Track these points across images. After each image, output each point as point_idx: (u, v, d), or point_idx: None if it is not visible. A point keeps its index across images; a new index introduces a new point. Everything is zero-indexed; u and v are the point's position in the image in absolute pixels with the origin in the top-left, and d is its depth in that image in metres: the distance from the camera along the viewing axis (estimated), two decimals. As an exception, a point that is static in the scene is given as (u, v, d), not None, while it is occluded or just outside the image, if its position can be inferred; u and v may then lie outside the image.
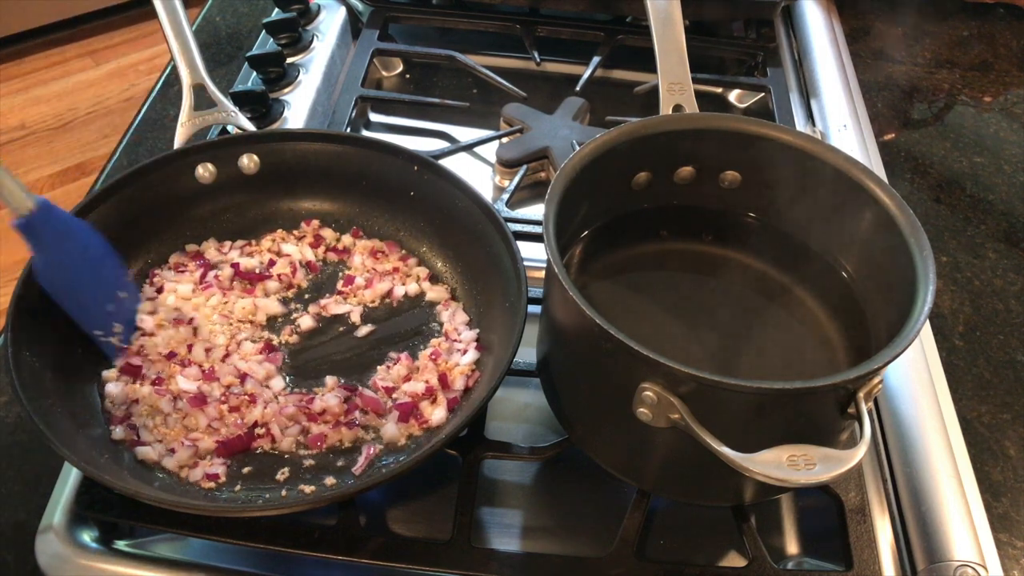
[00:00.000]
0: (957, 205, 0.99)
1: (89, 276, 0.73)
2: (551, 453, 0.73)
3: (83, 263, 0.73)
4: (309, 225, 0.87)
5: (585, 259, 0.74)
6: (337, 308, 0.80)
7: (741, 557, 0.69)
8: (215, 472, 0.68)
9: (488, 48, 1.15)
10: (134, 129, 1.01)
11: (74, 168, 2.47)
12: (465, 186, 0.81)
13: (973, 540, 0.66)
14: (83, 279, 0.73)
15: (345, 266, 0.84)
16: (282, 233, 0.86)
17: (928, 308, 0.58)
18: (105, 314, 0.74)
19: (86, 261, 0.73)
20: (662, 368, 0.55)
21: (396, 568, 0.65)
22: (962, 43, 1.23)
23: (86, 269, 0.73)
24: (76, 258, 0.72)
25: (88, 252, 0.73)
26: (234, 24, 1.17)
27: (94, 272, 0.74)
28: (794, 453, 0.53)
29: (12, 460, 0.72)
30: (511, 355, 0.68)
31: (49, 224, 0.71)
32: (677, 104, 0.79)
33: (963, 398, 0.79)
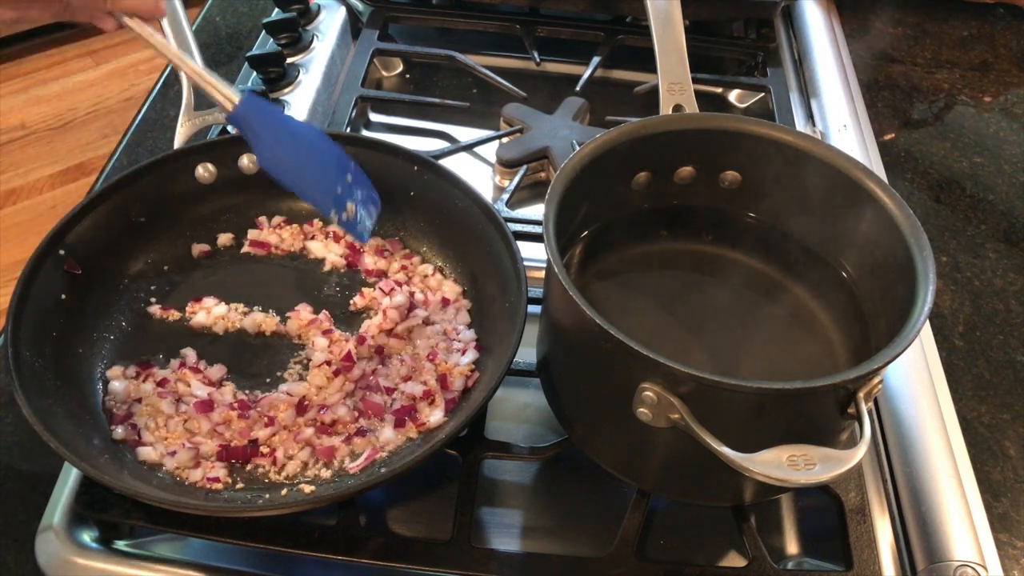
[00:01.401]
0: (957, 205, 0.99)
1: (309, 160, 0.72)
2: (551, 453, 0.73)
3: (300, 148, 0.72)
4: (313, 225, 0.87)
5: (585, 259, 0.74)
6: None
7: (741, 557, 0.69)
8: (215, 476, 0.68)
9: (488, 48, 1.15)
10: (134, 129, 1.01)
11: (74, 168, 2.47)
12: (465, 186, 0.81)
13: (973, 540, 0.66)
14: (305, 163, 0.72)
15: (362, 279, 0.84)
16: (296, 228, 0.86)
17: (928, 308, 0.58)
18: (335, 196, 0.72)
19: (303, 145, 0.72)
20: (662, 368, 0.55)
21: (396, 568, 0.65)
22: (962, 43, 1.23)
23: (305, 153, 0.72)
24: (292, 144, 0.71)
25: (302, 137, 0.72)
26: (234, 24, 1.17)
27: (313, 156, 0.72)
28: (794, 453, 0.53)
29: (12, 460, 0.72)
30: (511, 355, 0.68)
31: (257, 115, 0.70)
32: (677, 104, 0.79)
33: (963, 398, 0.79)
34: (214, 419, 0.71)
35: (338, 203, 0.72)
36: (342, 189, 0.72)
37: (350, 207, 0.72)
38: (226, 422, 0.71)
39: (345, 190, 0.72)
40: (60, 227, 0.75)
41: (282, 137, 0.71)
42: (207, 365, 0.76)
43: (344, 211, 0.72)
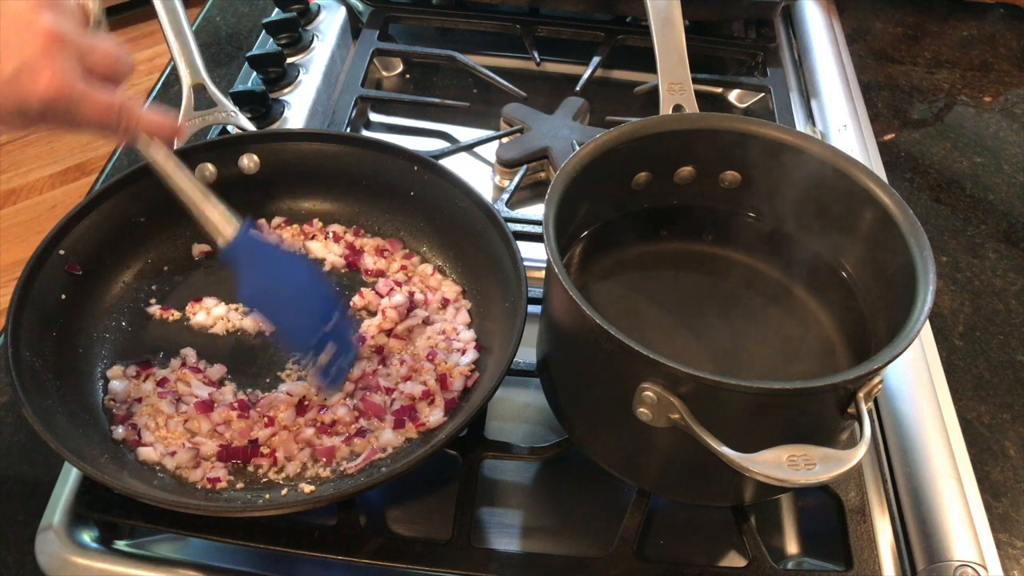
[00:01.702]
0: (957, 205, 0.99)
1: (295, 302, 0.71)
2: (551, 453, 0.73)
3: (288, 288, 0.70)
4: (313, 226, 0.87)
5: (585, 259, 0.74)
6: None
7: (741, 557, 0.69)
8: (216, 476, 0.68)
9: (488, 48, 1.15)
10: (134, 129, 1.00)
11: (74, 168, 2.47)
12: (465, 186, 0.81)
13: (973, 540, 0.66)
14: (289, 305, 0.70)
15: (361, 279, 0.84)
16: (296, 228, 0.86)
17: (928, 308, 0.58)
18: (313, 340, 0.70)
19: (291, 287, 0.71)
20: (662, 368, 0.55)
21: (396, 568, 0.65)
22: (962, 43, 1.23)
23: (291, 294, 0.70)
24: (281, 283, 0.70)
25: (293, 278, 0.71)
26: (234, 24, 1.17)
27: (299, 298, 0.71)
28: (794, 453, 0.53)
29: (12, 460, 0.72)
30: (511, 355, 0.68)
31: (252, 248, 0.69)
32: (677, 104, 0.79)
33: (963, 398, 0.79)
34: (214, 419, 0.71)
35: (315, 348, 0.70)
36: (321, 336, 0.70)
37: (323, 357, 0.70)
38: (226, 422, 0.71)
39: (325, 337, 0.70)
40: (60, 227, 0.75)
41: (272, 275, 0.69)
42: (207, 365, 0.76)
43: (316, 358, 0.70)
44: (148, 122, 0.63)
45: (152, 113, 0.63)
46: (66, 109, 0.57)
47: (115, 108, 0.60)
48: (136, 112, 0.61)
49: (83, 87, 0.58)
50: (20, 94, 0.55)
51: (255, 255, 0.69)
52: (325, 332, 0.70)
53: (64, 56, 0.56)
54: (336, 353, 0.70)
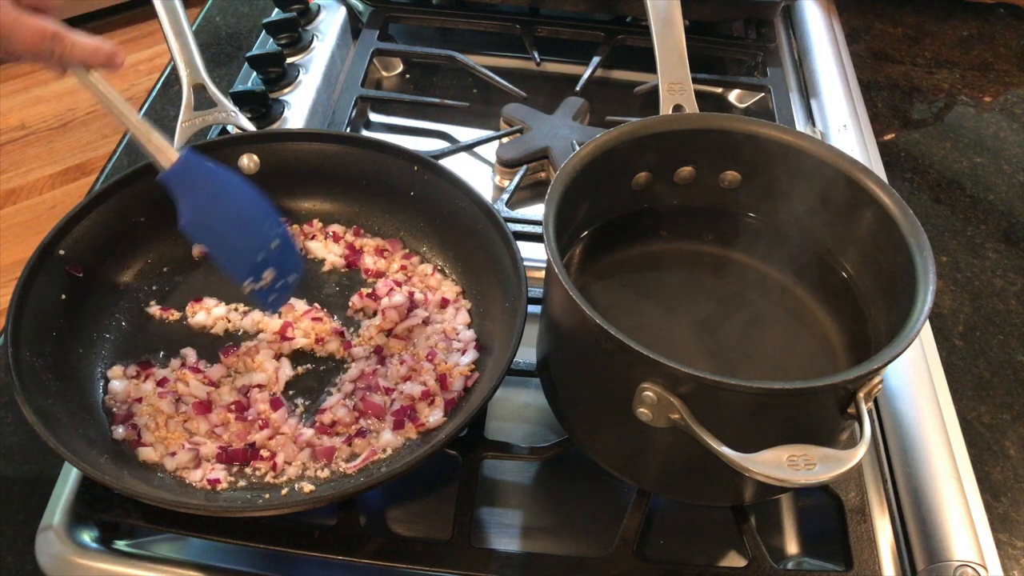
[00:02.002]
0: (957, 205, 0.99)
1: (236, 224, 0.70)
2: (551, 453, 0.73)
3: (227, 212, 0.70)
4: (313, 226, 0.87)
5: (585, 259, 0.74)
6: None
7: (741, 557, 0.69)
8: (216, 477, 0.68)
9: (488, 48, 1.15)
10: (134, 129, 1.00)
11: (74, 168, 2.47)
12: (465, 186, 0.81)
13: (973, 540, 0.66)
14: (230, 229, 0.70)
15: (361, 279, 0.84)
16: (296, 228, 0.87)
17: (928, 308, 0.58)
18: (255, 263, 0.70)
19: (233, 210, 0.70)
20: (662, 368, 0.55)
21: (396, 568, 0.65)
22: (962, 43, 1.23)
23: (233, 218, 0.70)
24: (222, 207, 0.70)
25: (235, 201, 0.70)
26: (234, 24, 1.17)
27: (243, 221, 0.71)
28: (794, 453, 0.53)
29: (12, 460, 0.72)
30: (511, 355, 0.68)
31: (192, 175, 0.68)
32: (677, 104, 0.79)
33: (963, 398, 0.79)
34: (212, 420, 0.71)
35: (255, 270, 0.70)
36: (265, 256, 0.70)
37: (267, 275, 0.70)
38: (224, 424, 0.71)
39: (269, 257, 0.70)
40: (60, 227, 0.75)
41: (213, 201, 0.69)
42: (207, 365, 0.76)
43: (260, 280, 0.70)
44: (82, 49, 0.62)
45: (86, 39, 0.62)
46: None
47: (47, 34, 0.60)
48: (70, 39, 0.61)
49: (13, 14, 0.58)
50: None
51: (196, 181, 0.68)
52: (268, 252, 0.70)
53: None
54: (279, 273, 0.70)
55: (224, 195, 0.70)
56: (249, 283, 0.70)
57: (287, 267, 0.72)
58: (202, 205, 0.69)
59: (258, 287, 0.71)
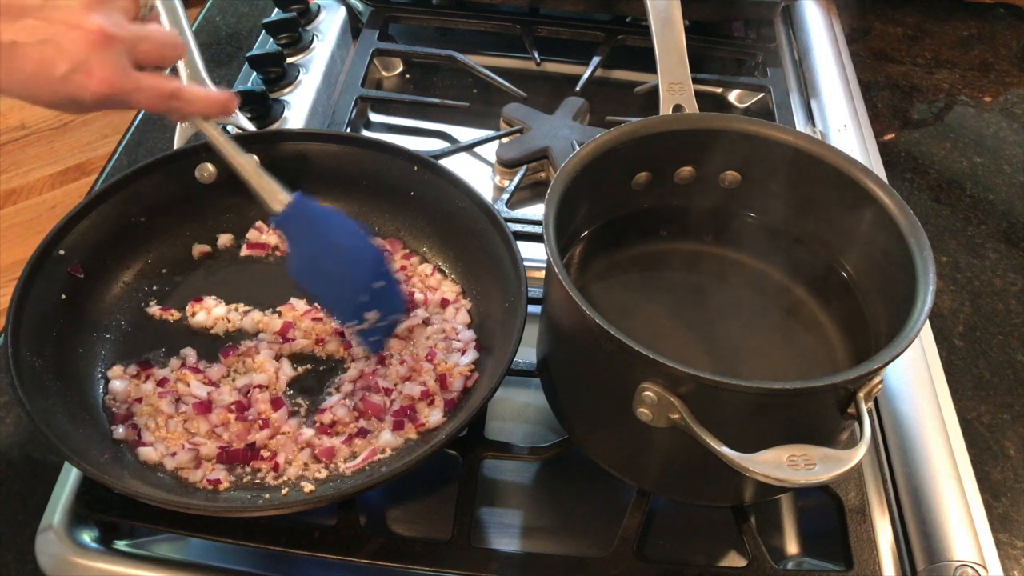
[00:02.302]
0: (957, 205, 0.99)
1: (342, 267, 0.72)
2: (551, 453, 0.73)
3: (336, 255, 0.71)
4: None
5: (585, 259, 0.74)
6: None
7: (741, 557, 0.69)
8: (216, 478, 0.68)
9: (488, 48, 1.15)
10: (134, 129, 1.01)
11: (74, 168, 2.47)
12: (465, 186, 0.81)
13: (973, 540, 0.66)
14: (337, 271, 0.71)
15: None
16: None
17: (928, 308, 0.58)
18: (358, 304, 0.71)
19: (339, 253, 0.72)
20: (662, 368, 0.55)
21: (396, 568, 0.65)
22: (962, 43, 1.23)
23: (340, 260, 0.71)
24: (330, 249, 0.71)
25: (342, 243, 0.71)
26: (234, 24, 1.17)
27: (348, 263, 0.72)
28: (794, 453, 0.53)
29: (12, 460, 0.72)
30: (511, 355, 0.68)
31: (302, 218, 0.70)
32: (677, 104, 0.79)
33: (963, 398, 0.79)
34: (212, 420, 0.71)
35: (358, 312, 0.71)
36: (368, 297, 0.71)
37: (370, 316, 0.72)
38: (224, 424, 0.71)
39: (372, 298, 0.71)
40: (60, 227, 0.75)
41: (320, 245, 0.71)
42: (207, 365, 0.76)
43: (362, 321, 0.72)
44: (200, 102, 0.65)
45: (201, 92, 0.65)
46: (119, 100, 0.60)
47: (166, 93, 0.63)
48: (188, 94, 0.64)
49: (135, 78, 0.60)
50: (73, 91, 0.58)
51: (305, 225, 0.70)
52: (375, 290, 0.71)
53: (113, 53, 0.59)
54: (382, 315, 0.71)
55: (331, 238, 0.71)
56: (352, 325, 0.71)
57: (390, 308, 0.72)
58: (310, 249, 0.70)
59: (360, 328, 0.72)
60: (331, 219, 0.72)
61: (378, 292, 0.71)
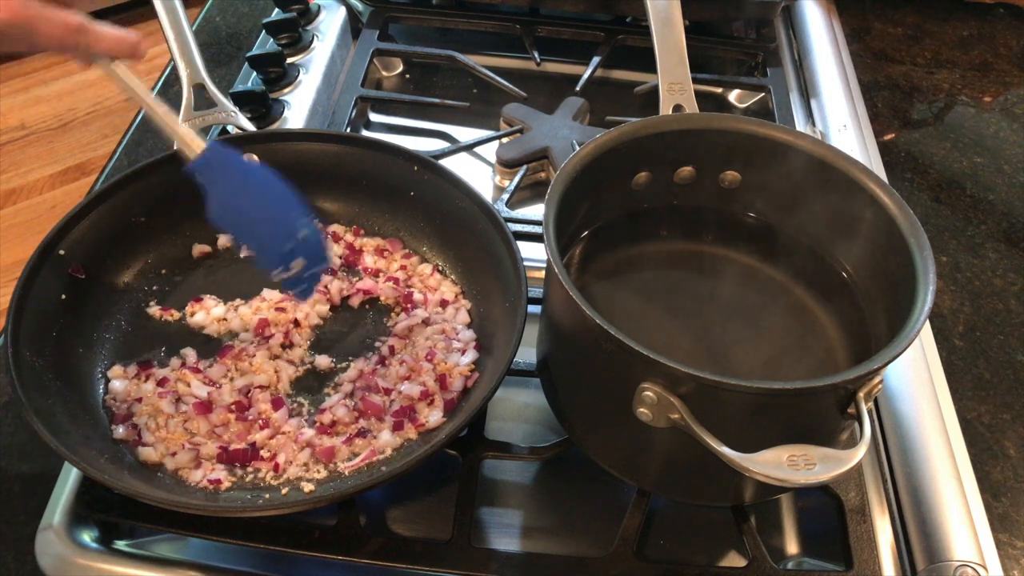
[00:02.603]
0: (957, 205, 0.99)
1: (262, 215, 0.72)
2: (551, 453, 0.73)
3: (254, 203, 0.71)
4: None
5: (585, 259, 0.74)
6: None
7: (741, 557, 0.69)
8: (216, 478, 0.68)
9: (488, 48, 1.15)
10: (134, 129, 1.01)
11: (74, 168, 2.47)
12: (465, 186, 0.81)
13: (973, 540, 0.66)
14: (256, 218, 0.71)
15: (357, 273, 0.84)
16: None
17: (928, 308, 0.58)
18: (283, 253, 0.71)
19: (258, 200, 0.71)
20: (662, 368, 0.55)
21: (396, 568, 0.65)
22: (962, 43, 1.23)
23: (258, 208, 0.71)
24: (247, 198, 0.71)
25: (260, 191, 0.71)
26: (234, 24, 1.17)
27: (269, 211, 0.72)
28: (794, 453, 0.53)
29: (12, 460, 0.72)
30: (511, 355, 0.68)
31: (220, 165, 0.69)
32: (677, 104, 0.79)
33: (963, 398, 0.79)
34: (212, 420, 0.71)
35: (283, 260, 0.71)
36: (292, 247, 0.71)
37: (295, 265, 0.71)
38: (224, 424, 0.71)
39: (296, 247, 0.71)
40: (60, 227, 0.75)
41: (240, 191, 0.70)
42: (207, 365, 0.76)
43: (288, 269, 0.71)
44: (107, 40, 0.62)
45: (111, 31, 0.63)
46: (23, 30, 0.57)
47: (73, 27, 0.60)
48: (95, 31, 0.61)
49: (38, 9, 0.58)
50: None
51: (222, 172, 0.69)
52: (296, 241, 0.70)
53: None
54: (307, 263, 0.71)
55: (250, 185, 0.71)
56: (278, 272, 0.71)
57: (314, 258, 0.72)
58: (229, 195, 0.70)
59: (287, 276, 0.72)
60: (250, 168, 0.71)
61: (302, 242, 0.71)
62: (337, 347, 0.78)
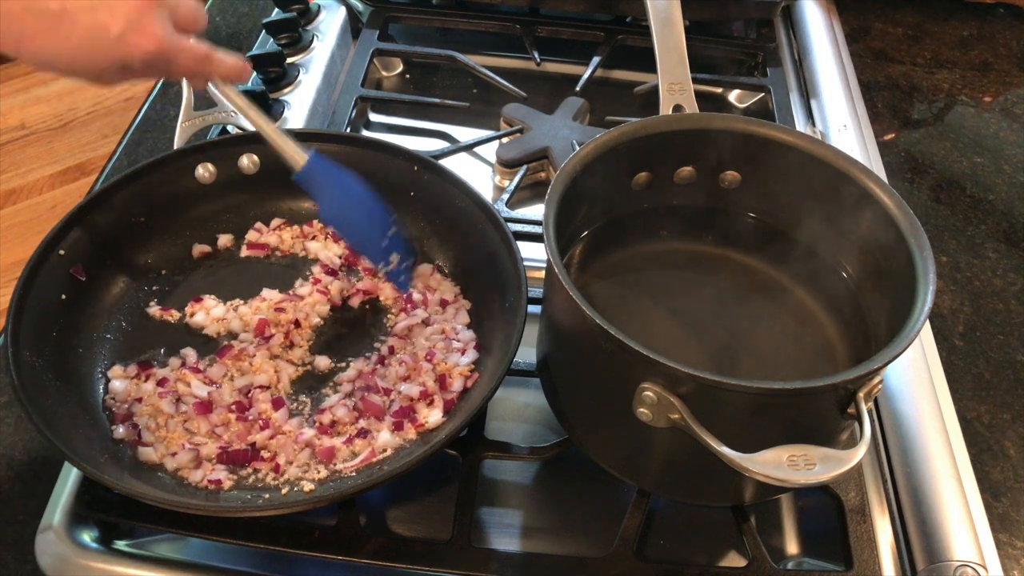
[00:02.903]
0: (957, 205, 0.99)
1: (363, 215, 0.77)
2: (551, 453, 0.73)
3: (356, 204, 0.76)
4: (313, 226, 0.87)
5: (585, 259, 0.74)
6: None
7: (741, 557, 0.69)
8: (217, 478, 0.68)
9: (488, 48, 1.15)
10: (134, 129, 1.01)
11: (74, 168, 2.47)
12: (465, 186, 0.81)
13: (973, 540, 0.66)
14: (359, 218, 0.77)
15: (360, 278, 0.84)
16: (297, 229, 0.87)
17: (928, 308, 0.58)
18: (382, 248, 0.77)
19: (358, 202, 0.76)
20: (662, 368, 0.55)
21: (396, 568, 0.65)
22: (962, 43, 1.23)
23: (360, 209, 0.76)
24: (350, 200, 0.76)
25: (358, 194, 0.76)
26: (234, 24, 1.17)
27: (367, 212, 0.77)
28: (794, 453, 0.53)
29: (12, 460, 0.72)
30: (511, 355, 0.68)
31: (321, 174, 0.74)
32: (677, 104, 0.79)
33: (963, 398, 0.79)
34: (213, 420, 0.71)
35: (384, 254, 0.77)
36: (388, 242, 0.77)
37: (393, 258, 0.77)
38: (224, 424, 0.71)
39: (390, 242, 0.77)
40: (60, 227, 0.75)
41: (342, 193, 0.76)
42: (207, 365, 0.76)
43: (389, 263, 0.77)
44: (228, 67, 0.67)
45: (229, 59, 0.67)
46: (165, 61, 0.62)
47: (202, 55, 0.65)
48: (218, 59, 0.66)
49: (178, 39, 0.62)
50: (126, 51, 0.59)
51: (325, 178, 0.75)
52: (389, 239, 0.77)
53: (162, 14, 0.61)
54: (401, 258, 0.77)
55: (348, 190, 0.76)
56: (382, 266, 0.77)
57: (406, 251, 0.78)
58: (333, 199, 0.76)
59: (389, 269, 0.77)
60: (344, 174, 0.76)
61: (393, 237, 0.77)
62: (337, 347, 0.78)
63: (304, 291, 0.81)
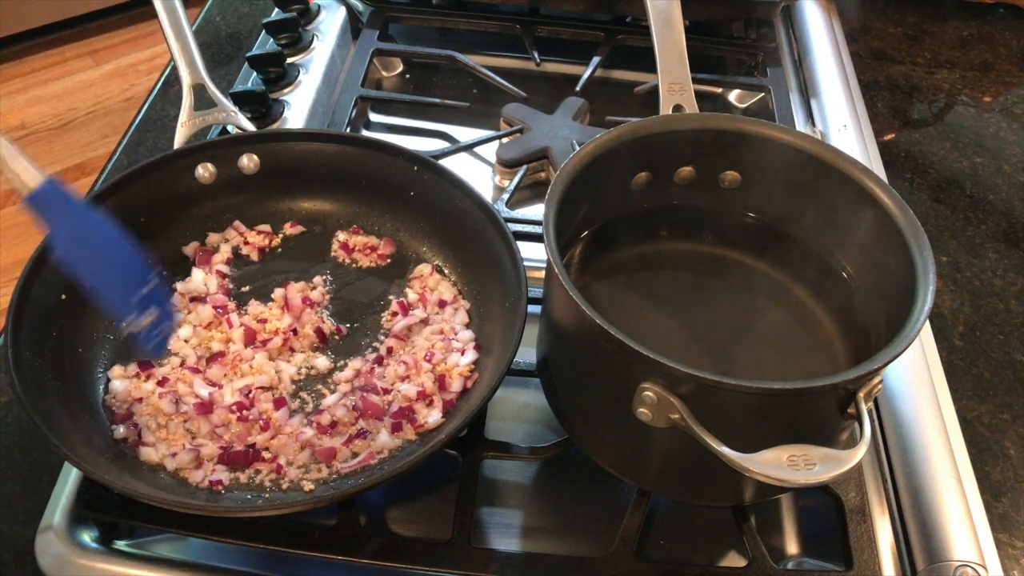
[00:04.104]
0: (957, 205, 0.99)
1: (109, 259, 0.69)
2: (551, 453, 0.73)
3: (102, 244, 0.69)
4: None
5: (585, 259, 0.74)
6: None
7: (741, 557, 0.69)
8: (218, 479, 0.68)
9: (488, 48, 1.15)
10: (134, 129, 1.01)
11: (74, 168, 2.47)
12: (465, 186, 0.81)
13: (973, 540, 0.66)
14: (104, 260, 0.68)
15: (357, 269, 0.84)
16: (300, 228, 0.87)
17: (928, 308, 0.58)
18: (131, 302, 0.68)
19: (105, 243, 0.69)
20: (662, 368, 0.55)
21: (396, 568, 0.65)
22: (962, 43, 1.23)
23: (104, 251, 0.69)
24: (92, 238, 0.68)
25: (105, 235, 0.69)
26: (234, 24, 1.17)
27: (114, 256, 0.69)
28: (794, 453, 0.53)
29: (12, 460, 0.72)
30: (511, 355, 0.68)
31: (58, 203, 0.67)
32: (677, 104, 0.79)
33: (963, 398, 0.79)
34: (213, 420, 0.71)
35: (135, 309, 0.68)
36: (141, 298, 0.68)
37: (149, 314, 0.68)
38: (225, 424, 0.71)
39: (145, 299, 0.68)
40: (60, 227, 0.75)
41: (84, 232, 0.68)
42: (208, 365, 0.76)
43: (139, 320, 0.68)
44: None
45: None
46: None
47: None
48: None
49: None
50: None
51: (61, 208, 0.67)
52: (143, 295, 0.68)
53: None
54: (158, 317, 0.68)
55: (92, 228, 0.68)
56: (131, 320, 0.68)
57: (164, 311, 0.70)
58: (73, 233, 0.67)
59: (140, 328, 0.68)
60: (88, 212, 0.69)
61: (150, 293, 0.68)
62: (336, 347, 0.78)
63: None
